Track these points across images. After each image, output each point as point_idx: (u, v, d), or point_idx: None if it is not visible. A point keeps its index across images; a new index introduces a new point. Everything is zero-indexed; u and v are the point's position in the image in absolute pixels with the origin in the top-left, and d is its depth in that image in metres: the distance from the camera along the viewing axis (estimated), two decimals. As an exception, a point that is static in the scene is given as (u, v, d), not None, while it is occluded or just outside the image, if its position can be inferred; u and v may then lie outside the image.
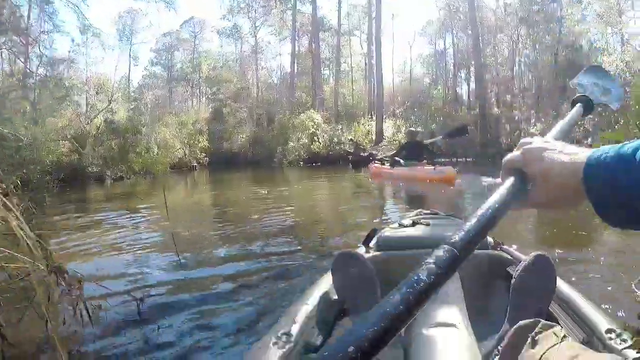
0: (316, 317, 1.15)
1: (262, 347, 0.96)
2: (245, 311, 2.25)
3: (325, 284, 1.30)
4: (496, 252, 1.61)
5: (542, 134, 0.63)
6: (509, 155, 0.58)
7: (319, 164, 15.09)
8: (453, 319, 1.07)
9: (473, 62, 18.81)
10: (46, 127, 11.67)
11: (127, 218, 5.47)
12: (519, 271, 1.15)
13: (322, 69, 22.30)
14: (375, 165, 11.09)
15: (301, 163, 15.56)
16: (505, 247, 1.67)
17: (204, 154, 16.78)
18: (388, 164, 10.55)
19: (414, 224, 1.71)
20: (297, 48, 22.11)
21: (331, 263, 1.29)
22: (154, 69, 28.87)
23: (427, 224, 1.70)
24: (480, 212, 0.52)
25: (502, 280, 1.50)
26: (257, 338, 1.09)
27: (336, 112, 18.47)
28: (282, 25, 23.50)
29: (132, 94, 26.46)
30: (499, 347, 1.01)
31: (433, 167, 9.49)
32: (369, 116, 17.97)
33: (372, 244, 1.64)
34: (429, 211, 2.00)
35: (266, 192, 7.88)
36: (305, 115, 17.02)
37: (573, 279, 2.89)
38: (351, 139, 16.25)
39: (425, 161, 10.02)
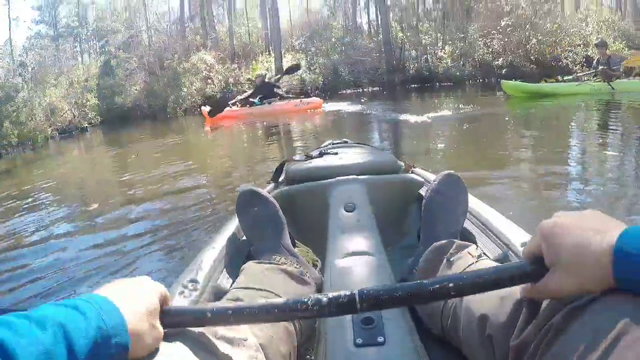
0: (224, 261, 1.11)
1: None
2: (160, 265, 2.36)
3: (232, 226, 1.25)
4: (408, 175, 1.57)
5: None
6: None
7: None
8: (366, 247, 1.05)
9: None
10: None
11: (16, 200, 4.80)
12: (429, 191, 1.09)
13: (215, 8, 20.84)
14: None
15: (199, 109, 14.74)
16: (417, 169, 1.63)
17: (94, 113, 15.43)
18: (239, 107, 10.79)
19: (321, 154, 1.66)
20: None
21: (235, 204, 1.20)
22: (38, 27, 25.94)
23: (335, 154, 1.65)
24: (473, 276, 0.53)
25: (415, 203, 1.48)
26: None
27: (232, 51, 17.36)
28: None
29: (19, 57, 23.70)
30: (414, 270, 0.99)
31: (299, 100, 10.30)
32: (267, 52, 17.10)
33: (281, 178, 1.59)
34: (339, 141, 1.96)
35: (135, 155, 7.33)
36: (197, 57, 15.90)
37: (488, 196, 2.80)
38: (249, 79, 15.50)
39: (279, 97, 10.70)
